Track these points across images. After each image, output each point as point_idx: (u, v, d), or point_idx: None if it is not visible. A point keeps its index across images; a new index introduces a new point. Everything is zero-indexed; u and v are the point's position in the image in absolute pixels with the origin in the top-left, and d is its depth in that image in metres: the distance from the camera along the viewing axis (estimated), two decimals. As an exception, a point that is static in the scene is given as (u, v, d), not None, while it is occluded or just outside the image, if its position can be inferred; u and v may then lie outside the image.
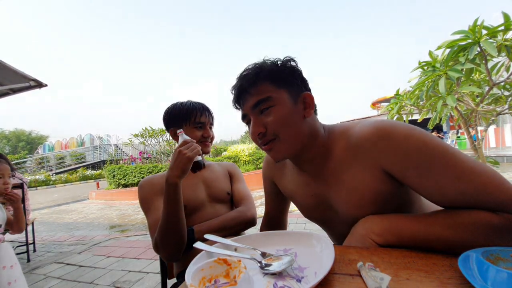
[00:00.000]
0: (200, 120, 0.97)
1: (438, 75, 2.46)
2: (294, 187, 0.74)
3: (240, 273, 0.41)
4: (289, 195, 0.78)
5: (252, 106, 0.61)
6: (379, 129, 0.54)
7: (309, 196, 0.69)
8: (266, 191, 0.89)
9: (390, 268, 0.43)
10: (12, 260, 1.29)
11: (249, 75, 0.62)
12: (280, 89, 0.60)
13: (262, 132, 0.61)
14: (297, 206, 0.77)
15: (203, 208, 0.95)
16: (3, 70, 3.02)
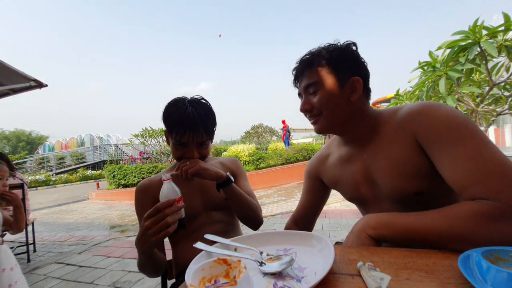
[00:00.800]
0: (181, 140, 0.82)
1: (438, 75, 2.45)
2: (340, 171, 0.78)
3: (240, 273, 0.41)
4: (335, 182, 0.81)
5: (304, 87, 0.71)
6: (423, 106, 0.60)
7: (356, 173, 0.73)
8: (308, 189, 0.91)
9: (390, 268, 0.43)
10: (11, 262, 1.28)
11: (305, 59, 0.71)
12: (330, 74, 0.67)
13: (308, 109, 0.71)
14: (341, 191, 0.81)
15: (198, 216, 0.89)
16: (3, 70, 3.02)
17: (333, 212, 3.69)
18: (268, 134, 14.85)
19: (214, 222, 0.91)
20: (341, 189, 0.80)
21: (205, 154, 0.87)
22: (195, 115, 0.81)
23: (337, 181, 0.80)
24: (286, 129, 9.93)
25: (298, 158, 8.04)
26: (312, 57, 0.69)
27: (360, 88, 0.67)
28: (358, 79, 0.67)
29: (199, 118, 0.82)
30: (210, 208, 0.91)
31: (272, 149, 8.66)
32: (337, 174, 0.79)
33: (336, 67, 0.67)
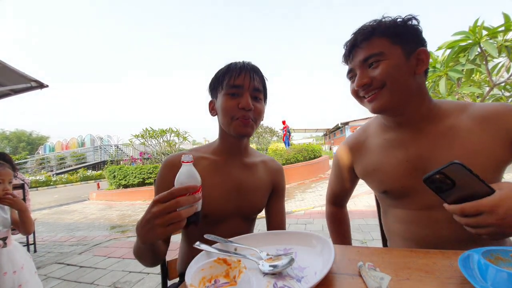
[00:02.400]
0: (235, 82, 0.69)
1: (438, 75, 2.45)
2: (380, 158, 0.71)
3: (240, 273, 0.41)
4: (371, 171, 0.74)
5: (362, 59, 0.64)
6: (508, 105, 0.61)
7: (403, 162, 0.67)
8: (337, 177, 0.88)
9: (390, 268, 0.43)
10: (16, 265, 1.25)
11: (364, 30, 0.64)
12: (394, 45, 0.62)
13: (367, 83, 0.63)
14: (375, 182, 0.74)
15: (226, 221, 0.76)
16: (4, 71, 3.03)
17: (334, 213, 3.68)
18: (268, 135, 14.86)
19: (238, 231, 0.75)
20: (378, 178, 0.72)
21: (259, 110, 0.74)
22: (250, 63, 0.75)
23: (374, 170, 0.73)
24: (287, 129, 9.93)
25: (298, 159, 8.04)
26: (372, 27, 0.63)
27: (427, 60, 0.62)
28: (425, 50, 0.62)
29: (255, 66, 0.75)
30: (242, 215, 0.78)
31: (272, 150, 8.65)
32: (376, 160, 0.72)
33: (400, 37, 0.62)
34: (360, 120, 20.57)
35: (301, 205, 4.43)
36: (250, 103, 0.70)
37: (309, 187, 6.29)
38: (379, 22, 0.63)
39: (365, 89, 0.65)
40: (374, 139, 0.75)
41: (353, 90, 0.69)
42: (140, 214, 5.16)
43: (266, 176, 0.84)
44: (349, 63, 0.68)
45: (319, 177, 7.96)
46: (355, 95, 0.70)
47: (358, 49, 0.65)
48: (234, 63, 0.74)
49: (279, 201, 0.88)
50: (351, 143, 0.81)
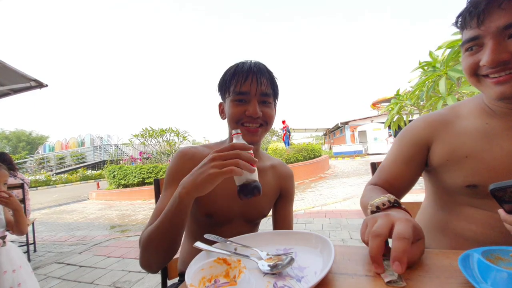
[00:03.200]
0: (241, 89, 0.67)
1: (438, 75, 2.46)
2: (479, 144, 0.58)
3: (240, 273, 0.41)
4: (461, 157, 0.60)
5: (501, 26, 0.48)
6: None
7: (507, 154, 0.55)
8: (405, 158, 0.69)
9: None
10: (14, 264, 1.26)
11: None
12: None
13: (506, 60, 0.49)
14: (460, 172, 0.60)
15: (230, 223, 0.76)
16: (4, 71, 3.03)
17: (333, 212, 3.69)
18: (268, 134, 14.86)
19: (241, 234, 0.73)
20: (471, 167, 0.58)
21: (269, 115, 0.71)
22: (258, 64, 0.70)
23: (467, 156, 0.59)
24: (286, 129, 9.93)
25: (298, 158, 8.04)
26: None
27: None
28: None
29: (263, 66, 0.71)
30: (246, 219, 0.78)
31: (272, 149, 8.66)
32: (471, 146, 0.59)
33: None
34: (360, 120, 20.59)
35: (301, 204, 4.44)
36: (258, 110, 0.67)
37: (309, 187, 6.30)
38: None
39: (498, 67, 0.50)
40: (470, 121, 0.61)
41: (471, 65, 0.54)
42: (140, 213, 5.16)
43: (274, 181, 0.82)
44: (476, 26, 0.51)
45: (319, 176, 7.96)
46: (472, 71, 0.55)
47: (497, 10, 0.48)
48: (241, 64, 0.71)
49: (287, 206, 0.86)
50: (433, 117, 0.66)
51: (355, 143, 19.74)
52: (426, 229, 0.69)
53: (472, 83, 0.58)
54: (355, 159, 14.54)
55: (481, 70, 0.53)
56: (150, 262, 0.59)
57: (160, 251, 0.57)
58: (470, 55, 0.55)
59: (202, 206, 0.73)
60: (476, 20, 0.51)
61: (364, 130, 18.96)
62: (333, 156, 16.70)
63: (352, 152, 16.74)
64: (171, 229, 0.56)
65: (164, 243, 0.57)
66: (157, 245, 0.56)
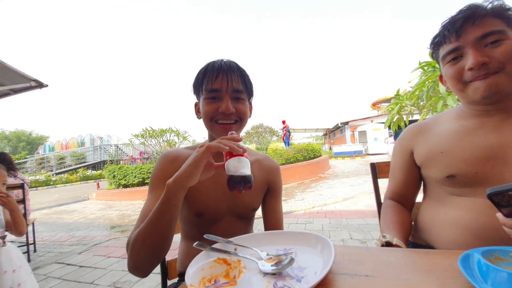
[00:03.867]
0: (213, 86, 0.68)
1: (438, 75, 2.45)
2: (452, 142, 0.67)
3: (240, 273, 0.41)
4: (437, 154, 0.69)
5: (478, 37, 0.59)
6: None
7: (481, 148, 0.62)
8: (401, 166, 0.81)
9: (390, 268, 0.43)
10: (14, 264, 1.27)
11: (479, 7, 0.60)
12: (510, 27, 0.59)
13: (486, 62, 0.58)
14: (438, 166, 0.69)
15: (220, 221, 0.76)
16: (4, 71, 3.03)
17: (333, 213, 3.69)
18: (268, 134, 14.86)
19: (235, 231, 0.77)
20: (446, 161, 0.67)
21: (242, 111, 0.72)
22: (229, 62, 0.72)
23: (442, 152, 0.68)
24: (286, 129, 9.94)
25: (298, 158, 8.04)
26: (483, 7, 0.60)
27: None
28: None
29: (234, 64, 0.72)
30: (234, 214, 0.79)
31: (272, 149, 8.66)
32: (445, 144, 0.68)
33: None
34: (360, 120, 20.58)
35: (301, 204, 4.43)
36: (230, 106, 0.69)
37: (309, 187, 6.30)
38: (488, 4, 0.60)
39: (480, 69, 0.59)
40: (446, 125, 0.71)
41: (455, 72, 0.64)
42: (140, 214, 5.15)
43: (260, 175, 0.82)
44: (455, 40, 0.62)
45: (319, 176, 7.96)
46: (459, 78, 0.64)
47: (472, 26, 0.60)
48: (212, 63, 0.72)
49: (275, 200, 0.87)
50: (416, 125, 0.78)
51: (355, 143, 19.74)
52: (429, 225, 0.74)
53: (457, 90, 0.66)
54: (355, 159, 14.53)
55: (466, 75, 0.61)
56: (139, 264, 0.57)
57: (150, 250, 0.55)
58: (453, 65, 0.64)
59: (192, 206, 0.74)
60: (455, 35, 0.61)
61: (364, 130, 18.95)
62: (333, 156, 16.70)
63: (352, 152, 16.74)
64: (161, 225, 0.54)
65: (154, 241, 0.54)
66: (147, 244, 0.54)
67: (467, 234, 0.62)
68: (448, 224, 0.69)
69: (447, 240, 0.67)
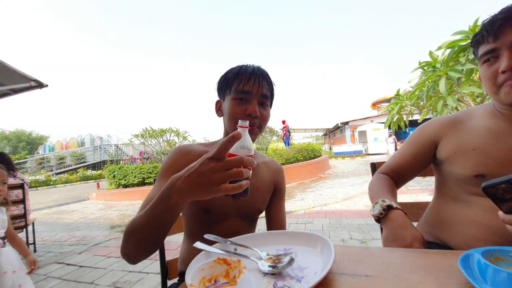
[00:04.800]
0: (244, 88, 0.69)
1: (438, 75, 2.46)
2: (485, 140, 0.65)
3: (240, 273, 0.41)
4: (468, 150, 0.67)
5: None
6: None
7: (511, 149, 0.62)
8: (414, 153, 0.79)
9: (390, 268, 0.43)
10: (14, 265, 1.27)
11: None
12: None
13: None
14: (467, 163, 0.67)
15: (226, 220, 0.76)
16: (4, 71, 3.03)
17: (333, 212, 3.69)
18: (268, 134, 14.86)
19: (239, 231, 0.76)
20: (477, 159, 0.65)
21: (265, 117, 0.74)
22: (261, 69, 0.74)
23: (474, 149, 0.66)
24: (286, 129, 9.94)
25: (298, 158, 8.04)
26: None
27: None
28: None
29: (265, 72, 0.74)
30: (243, 215, 0.79)
31: (272, 149, 8.67)
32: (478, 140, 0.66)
33: None
34: (360, 120, 20.58)
35: (301, 204, 4.43)
36: (257, 110, 0.70)
37: (309, 187, 6.30)
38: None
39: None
40: (480, 121, 0.69)
41: (490, 74, 0.62)
42: (140, 213, 5.15)
43: (268, 177, 0.84)
44: (492, 41, 0.61)
45: (319, 176, 7.96)
46: (491, 80, 0.63)
47: (510, 28, 0.58)
48: (244, 66, 0.73)
49: (280, 201, 0.89)
50: (446, 118, 0.75)
51: (355, 143, 19.73)
52: (442, 221, 0.74)
53: (491, 92, 0.65)
54: (355, 159, 14.53)
55: (500, 78, 0.61)
56: (130, 253, 0.55)
57: (141, 246, 0.52)
58: (488, 66, 0.63)
59: (199, 201, 0.72)
60: (493, 36, 0.60)
61: (364, 130, 18.95)
62: (333, 156, 16.70)
63: (352, 152, 16.74)
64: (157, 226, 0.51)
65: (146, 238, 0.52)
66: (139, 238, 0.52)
67: (488, 233, 0.62)
68: (468, 222, 0.67)
69: (466, 236, 0.66)
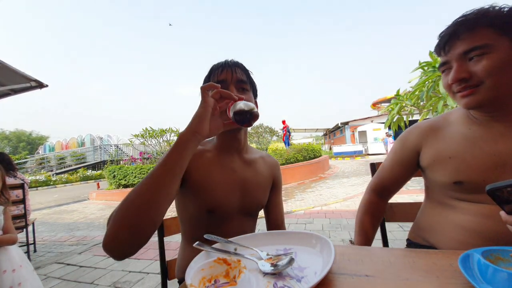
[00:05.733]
0: (219, 78, 0.73)
1: (438, 75, 2.46)
2: (462, 147, 0.66)
3: (240, 273, 0.41)
4: (445, 158, 0.68)
5: (462, 52, 0.59)
6: None
7: (490, 155, 0.62)
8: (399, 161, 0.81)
9: (390, 268, 0.43)
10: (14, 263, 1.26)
11: (466, 20, 0.59)
12: (502, 36, 0.57)
13: (465, 78, 0.59)
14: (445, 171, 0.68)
15: (230, 219, 0.76)
16: (4, 71, 3.03)
17: (333, 213, 3.69)
18: (268, 134, 14.85)
19: (243, 230, 0.78)
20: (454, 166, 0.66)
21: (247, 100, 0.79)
22: (233, 60, 0.78)
23: (451, 157, 0.67)
24: (286, 129, 9.93)
25: (298, 158, 8.03)
26: (477, 16, 0.58)
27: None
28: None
29: (238, 61, 0.78)
30: (246, 211, 0.80)
31: (272, 149, 8.65)
32: (455, 148, 0.67)
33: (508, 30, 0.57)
34: (360, 120, 20.57)
35: (301, 204, 4.43)
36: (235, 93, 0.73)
37: (309, 187, 6.30)
38: (484, 11, 0.58)
39: (461, 84, 0.60)
40: (456, 127, 0.70)
41: (446, 84, 0.65)
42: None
43: (266, 171, 0.86)
44: (444, 55, 0.64)
45: (319, 176, 7.96)
46: (447, 89, 0.66)
47: (457, 41, 0.60)
48: (216, 63, 0.78)
49: (278, 194, 0.92)
50: (425, 124, 0.77)
51: (355, 143, 19.72)
52: (432, 226, 0.75)
53: (452, 98, 0.68)
54: (355, 159, 14.53)
55: (453, 88, 0.64)
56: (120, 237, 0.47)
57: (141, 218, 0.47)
58: (445, 76, 0.66)
59: (203, 203, 0.72)
60: (443, 50, 0.64)
61: (364, 130, 18.94)
62: (333, 156, 16.70)
63: (352, 152, 16.73)
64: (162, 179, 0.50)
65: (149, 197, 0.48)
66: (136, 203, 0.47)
67: (473, 236, 0.63)
68: (453, 226, 0.69)
69: (452, 240, 0.67)
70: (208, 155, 0.76)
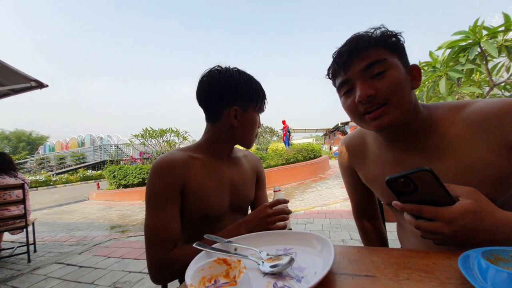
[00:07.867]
0: (263, 107, 0.82)
1: (438, 75, 2.46)
2: (378, 169, 0.69)
3: (240, 273, 0.41)
4: (371, 180, 0.73)
5: (362, 68, 0.58)
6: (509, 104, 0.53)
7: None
8: (348, 181, 0.85)
9: (390, 268, 0.43)
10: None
11: (361, 38, 0.59)
12: (393, 54, 0.58)
13: (372, 94, 0.56)
14: (377, 193, 0.74)
15: (222, 218, 0.79)
16: (4, 71, 3.03)
17: (333, 213, 3.69)
18: (268, 134, 14.85)
19: None
20: (378, 190, 0.71)
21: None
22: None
23: (374, 181, 0.71)
24: (286, 129, 9.94)
25: (298, 159, 8.03)
26: (369, 37, 0.58)
27: (420, 76, 0.61)
28: (417, 66, 0.61)
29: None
30: (235, 209, 0.83)
31: (272, 150, 8.65)
32: (375, 171, 0.71)
33: (397, 48, 0.59)
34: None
35: (301, 205, 4.43)
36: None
37: (309, 187, 6.30)
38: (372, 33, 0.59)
39: (368, 102, 0.57)
40: (372, 147, 0.73)
41: (350, 105, 0.62)
42: (140, 214, 5.16)
43: (250, 168, 0.91)
44: (344, 73, 0.61)
45: (319, 177, 7.96)
46: (355, 111, 0.61)
47: (355, 58, 0.59)
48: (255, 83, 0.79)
49: (263, 188, 0.96)
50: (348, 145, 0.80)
51: (355, 143, 19.64)
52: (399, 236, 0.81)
53: (356, 121, 0.64)
54: (355, 159, 14.46)
55: (359, 108, 0.60)
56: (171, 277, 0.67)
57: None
58: (347, 98, 0.63)
59: (198, 209, 0.73)
60: (343, 68, 0.61)
61: (364, 130, 18.89)
62: (333, 157, 16.69)
63: (352, 152, 16.66)
64: None
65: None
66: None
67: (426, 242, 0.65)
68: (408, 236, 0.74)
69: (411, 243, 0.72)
70: (198, 163, 0.76)
